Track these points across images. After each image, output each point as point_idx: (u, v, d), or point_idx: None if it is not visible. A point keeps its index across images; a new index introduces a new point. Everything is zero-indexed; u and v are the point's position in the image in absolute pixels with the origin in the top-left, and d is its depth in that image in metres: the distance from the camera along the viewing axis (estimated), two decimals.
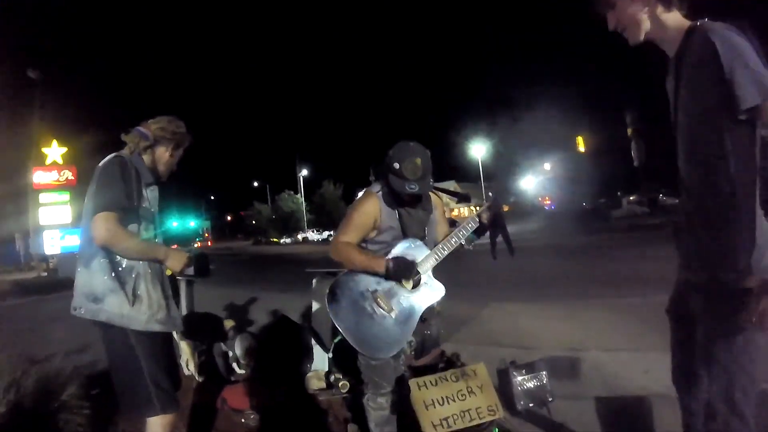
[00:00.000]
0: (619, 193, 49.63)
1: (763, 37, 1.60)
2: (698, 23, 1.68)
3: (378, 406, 2.61)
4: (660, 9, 1.75)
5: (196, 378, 4.22)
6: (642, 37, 1.82)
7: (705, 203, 1.69)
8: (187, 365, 4.28)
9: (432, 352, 2.88)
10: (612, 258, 12.29)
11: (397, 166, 2.48)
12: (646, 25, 1.78)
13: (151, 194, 2.45)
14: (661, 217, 26.20)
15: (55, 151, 20.61)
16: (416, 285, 2.55)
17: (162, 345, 2.42)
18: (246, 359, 4.30)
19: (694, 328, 1.77)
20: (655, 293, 2.13)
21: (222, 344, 4.45)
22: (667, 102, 1.86)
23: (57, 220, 19.87)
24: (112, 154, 2.39)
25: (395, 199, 2.61)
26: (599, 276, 9.52)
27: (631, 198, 44.75)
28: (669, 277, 2.04)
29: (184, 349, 4.31)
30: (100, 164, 2.36)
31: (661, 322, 2.16)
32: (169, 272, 2.45)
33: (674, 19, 1.75)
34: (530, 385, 3.06)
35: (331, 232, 39.10)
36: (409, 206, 2.64)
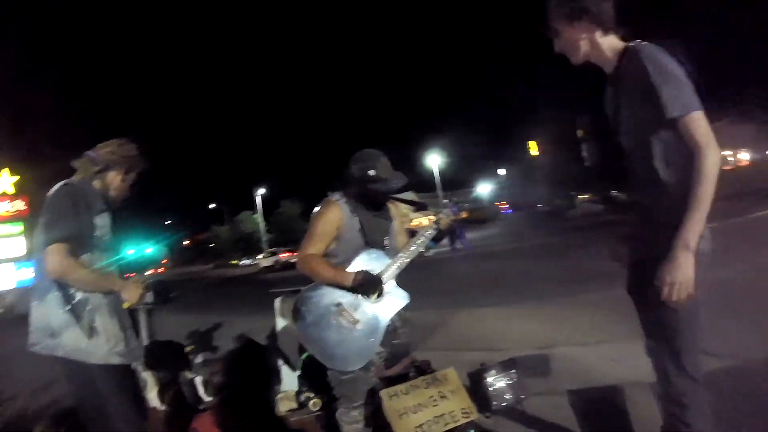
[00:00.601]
0: (573, 193, 50.83)
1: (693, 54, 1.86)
2: (632, 44, 1.92)
3: (352, 420, 2.58)
4: (599, 33, 1.98)
5: (164, 409, 4.10)
6: (581, 59, 2.06)
7: (648, 195, 1.95)
8: (153, 396, 4.15)
9: (402, 361, 2.86)
10: (572, 256, 12.54)
11: (373, 172, 2.54)
12: (586, 48, 2.02)
13: (102, 221, 2.38)
14: (615, 214, 26.89)
15: (5, 180, 19.82)
16: (380, 295, 2.55)
17: (125, 377, 2.34)
18: (209, 377, 4.18)
19: (648, 300, 1.95)
20: (617, 286, 2.21)
21: (187, 372, 4.33)
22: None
23: (10, 253, 19.05)
24: (61, 182, 2.33)
25: (359, 206, 2.64)
26: (562, 274, 9.68)
27: (585, 197, 45.84)
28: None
29: (149, 380, 4.18)
30: (49, 193, 2.29)
31: (626, 313, 2.23)
32: (126, 305, 2.37)
33: (611, 42, 1.99)
34: (502, 384, 3.08)
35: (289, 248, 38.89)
36: (370, 214, 2.65)
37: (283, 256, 39.89)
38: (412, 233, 2.86)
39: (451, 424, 2.46)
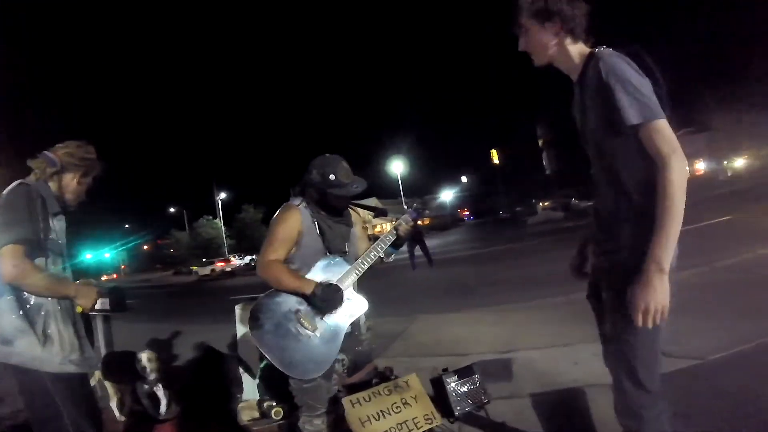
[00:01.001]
0: (534, 201, 51.80)
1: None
2: (595, 50, 1.86)
3: (314, 429, 2.55)
4: (568, 40, 1.92)
5: (123, 419, 4.00)
6: (545, 61, 2.00)
7: (610, 202, 1.88)
8: (113, 407, 4.05)
9: (365, 368, 2.84)
10: (532, 261, 12.71)
11: (333, 177, 2.52)
12: (552, 52, 1.95)
13: (58, 224, 2.31)
14: (575, 221, 27.44)
15: None
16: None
17: (80, 387, 2.26)
18: (153, 365, 4.05)
19: (607, 309, 1.91)
20: (576, 291, 2.24)
21: (145, 383, 4.22)
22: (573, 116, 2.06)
23: None
24: (17, 182, 2.25)
25: (319, 211, 2.61)
26: (522, 279, 9.80)
27: (545, 204, 46.69)
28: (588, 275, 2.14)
29: (108, 390, 4.07)
30: (4, 193, 2.21)
31: (584, 316, 2.26)
32: (80, 309, 2.30)
33: (579, 49, 1.93)
34: (464, 389, 3.10)
35: (254, 257, 38.90)
36: (331, 220, 2.63)
37: (219, 265, 41.34)
38: (375, 239, 2.86)
39: (414, 430, 2.45)
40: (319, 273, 2.53)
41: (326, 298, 2.42)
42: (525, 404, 3.29)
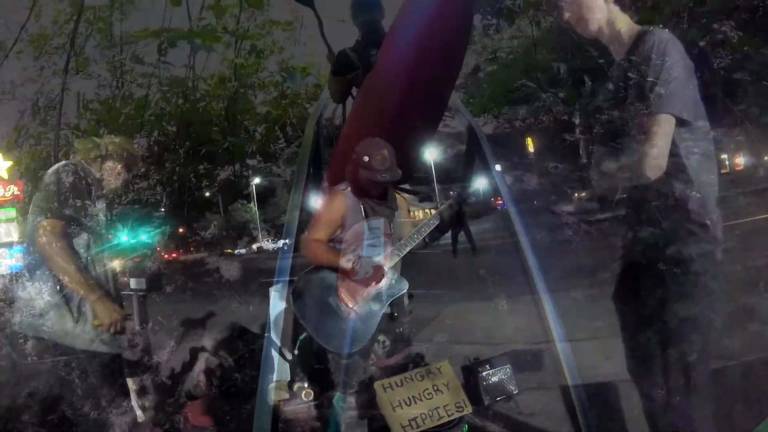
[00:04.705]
0: (568, 191, 50.97)
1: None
2: (650, 29, 1.69)
3: (349, 407, 2.60)
4: (616, 7, 1.78)
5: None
6: (595, 29, 1.80)
7: (647, 196, 1.71)
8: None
9: (403, 351, 2.87)
10: (565, 252, 12.42)
11: (366, 159, 2.53)
12: (601, 15, 1.77)
13: (99, 206, 2.36)
14: (611, 212, 26.90)
15: None
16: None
17: (112, 362, 2.32)
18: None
19: (643, 312, 1.76)
20: (609, 284, 2.17)
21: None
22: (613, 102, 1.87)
23: (3, 238, 18.85)
24: (64, 162, 2.31)
25: (362, 195, 2.64)
26: (554, 270, 9.59)
27: (581, 195, 45.91)
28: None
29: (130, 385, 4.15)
30: (50, 170, 2.26)
31: (615, 311, 2.19)
32: (95, 323, 2.22)
33: (626, 21, 1.78)
34: (495, 379, 3.09)
35: (287, 241, 39.49)
36: (374, 203, 2.64)
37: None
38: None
39: (444, 417, 2.45)
40: (366, 257, 2.57)
41: (363, 274, 2.47)
42: (555, 396, 3.28)
